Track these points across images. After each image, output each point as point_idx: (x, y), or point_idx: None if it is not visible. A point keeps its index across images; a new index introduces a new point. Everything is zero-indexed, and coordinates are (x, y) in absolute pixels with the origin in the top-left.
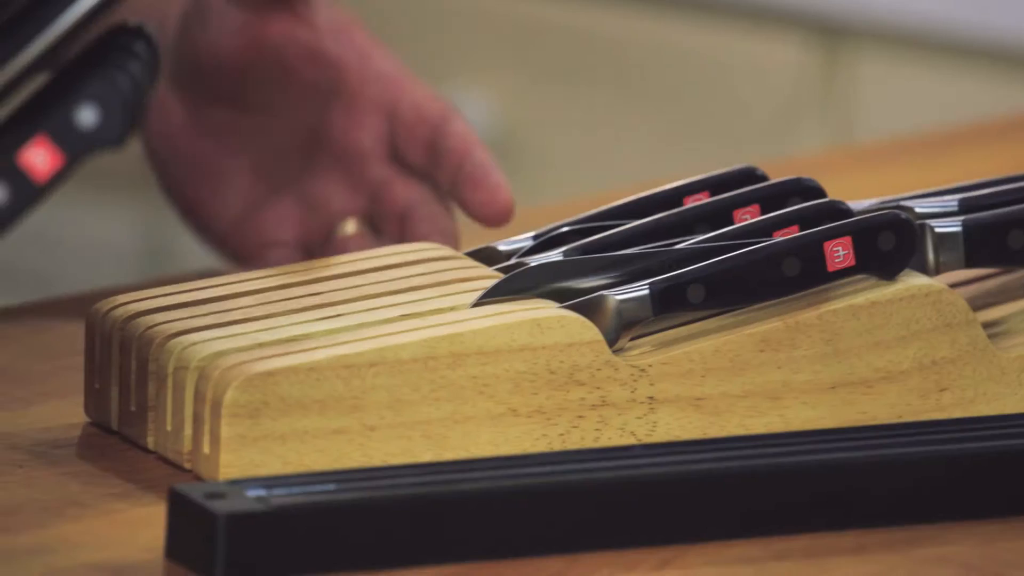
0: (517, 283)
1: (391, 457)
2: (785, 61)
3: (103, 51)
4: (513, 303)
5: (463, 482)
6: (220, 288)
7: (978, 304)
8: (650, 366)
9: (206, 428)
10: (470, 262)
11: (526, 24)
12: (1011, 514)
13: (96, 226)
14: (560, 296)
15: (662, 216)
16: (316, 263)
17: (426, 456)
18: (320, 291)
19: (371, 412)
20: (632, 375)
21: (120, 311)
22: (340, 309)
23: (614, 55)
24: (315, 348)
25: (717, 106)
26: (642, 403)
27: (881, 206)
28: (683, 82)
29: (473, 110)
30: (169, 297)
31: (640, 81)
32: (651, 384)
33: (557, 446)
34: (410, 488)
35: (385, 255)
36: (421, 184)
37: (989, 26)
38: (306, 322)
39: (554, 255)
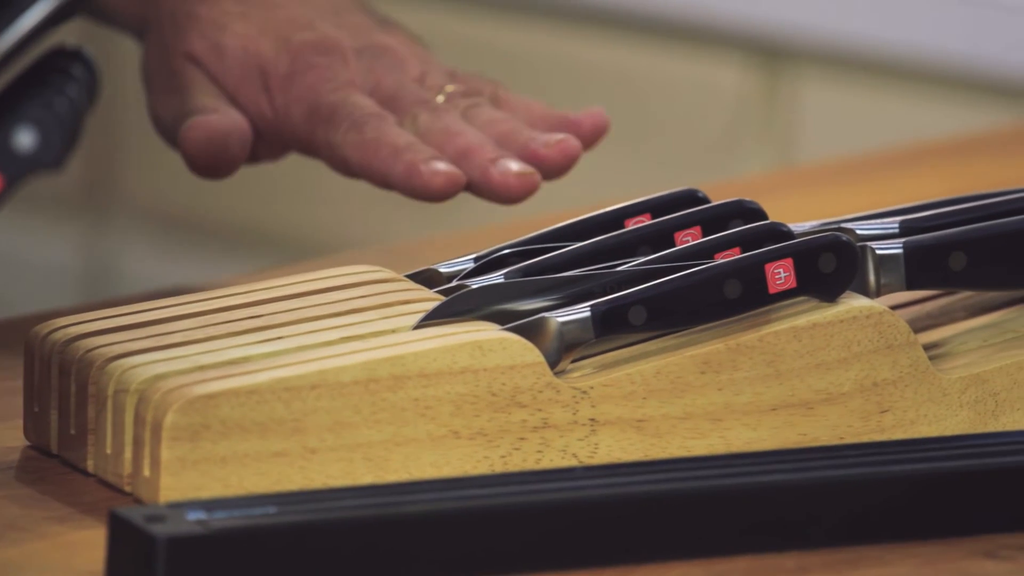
0: (458, 305)
1: (332, 480)
2: (726, 83)
3: (41, 74)
4: (454, 325)
5: (404, 504)
6: (160, 311)
7: (919, 326)
8: (592, 388)
9: (146, 451)
10: (411, 284)
11: (464, 46)
12: (951, 535)
13: (36, 249)
14: (501, 318)
15: (603, 238)
16: (256, 286)
17: (367, 478)
18: (260, 314)
19: (312, 435)
20: (574, 397)
21: (60, 334)
22: (281, 332)
23: (554, 77)
24: (256, 371)
25: (658, 128)
26: (584, 425)
27: (822, 228)
28: (624, 104)
29: None
30: (109, 320)
31: (581, 103)
32: (593, 406)
33: (499, 468)
34: (351, 511)
35: (325, 278)
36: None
37: (929, 49)
38: (246, 345)
39: (495, 277)
